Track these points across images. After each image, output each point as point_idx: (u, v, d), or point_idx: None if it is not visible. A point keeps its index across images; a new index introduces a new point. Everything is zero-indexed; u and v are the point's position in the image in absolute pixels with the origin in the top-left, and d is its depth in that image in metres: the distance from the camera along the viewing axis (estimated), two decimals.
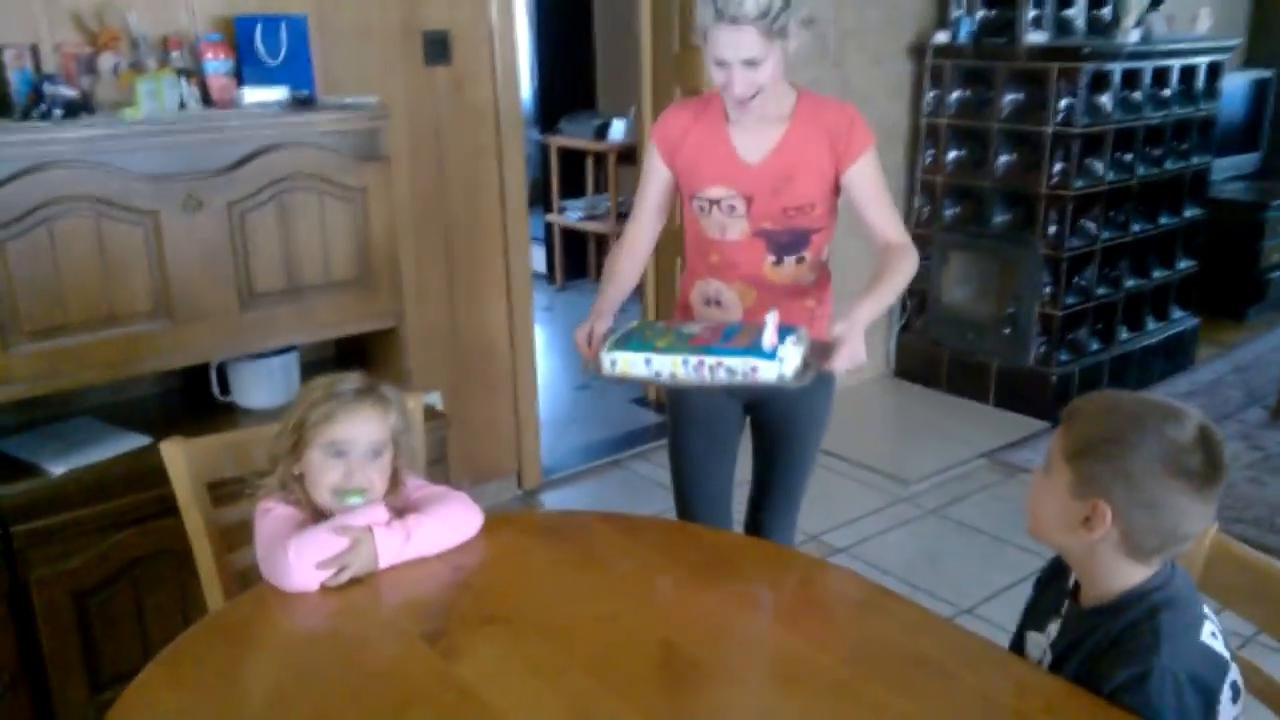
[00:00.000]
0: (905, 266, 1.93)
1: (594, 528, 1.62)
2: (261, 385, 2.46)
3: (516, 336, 3.35)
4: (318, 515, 1.56)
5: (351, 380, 1.58)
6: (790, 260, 1.99)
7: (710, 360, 1.64)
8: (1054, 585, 1.38)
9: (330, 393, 1.54)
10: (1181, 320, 4.57)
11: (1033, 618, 1.39)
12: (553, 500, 3.47)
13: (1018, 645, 1.39)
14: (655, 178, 2.06)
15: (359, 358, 2.67)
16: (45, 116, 2.06)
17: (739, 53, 1.78)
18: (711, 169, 1.97)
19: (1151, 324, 4.43)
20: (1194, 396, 4.29)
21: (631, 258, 2.10)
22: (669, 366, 1.67)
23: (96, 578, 2.10)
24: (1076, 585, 1.33)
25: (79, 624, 2.09)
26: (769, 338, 1.65)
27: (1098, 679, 1.21)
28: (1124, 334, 4.29)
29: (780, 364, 1.62)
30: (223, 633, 1.37)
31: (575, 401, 4.46)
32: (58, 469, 2.12)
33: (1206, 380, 4.49)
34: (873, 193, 1.96)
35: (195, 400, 2.48)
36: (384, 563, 1.47)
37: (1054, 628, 1.33)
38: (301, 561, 1.44)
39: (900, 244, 1.95)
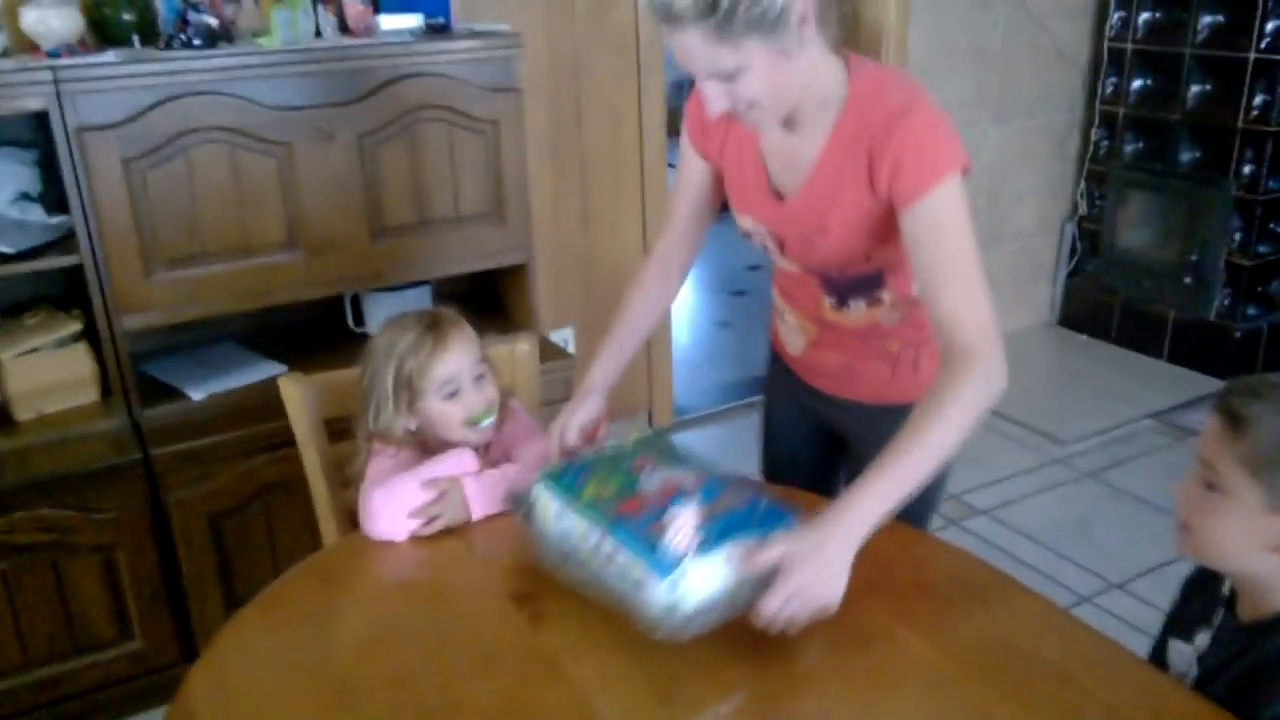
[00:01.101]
0: (957, 410, 1.19)
1: None
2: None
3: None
4: (432, 453, 1.56)
5: (413, 317, 1.54)
6: (859, 303, 1.45)
7: (608, 546, 1.19)
8: (1204, 591, 1.22)
9: (408, 343, 1.50)
10: None
11: (1179, 625, 1.24)
12: (682, 441, 3.42)
13: (1159, 653, 1.25)
14: (690, 170, 1.53)
15: (490, 294, 2.66)
16: (187, 45, 2.08)
17: (692, 62, 1.22)
18: (740, 192, 1.46)
19: None
20: None
21: (650, 286, 1.59)
22: (573, 535, 1.25)
23: (232, 501, 2.17)
24: (1233, 593, 1.17)
25: (214, 545, 2.17)
26: (674, 536, 1.15)
27: (1254, 703, 1.06)
28: None
29: (674, 585, 1.11)
30: (318, 577, 1.37)
31: (715, 339, 4.37)
32: (198, 394, 2.20)
33: None
34: (937, 253, 1.25)
35: (332, 330, 2.52)
36: (477, 514, 1.45)
37: (1203, 639, 1.18)
38: (389, 510, 1.43)
39: (970, 348, 1.21)
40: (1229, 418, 1.09)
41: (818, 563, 1.12)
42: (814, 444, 1.69)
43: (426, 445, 1.56)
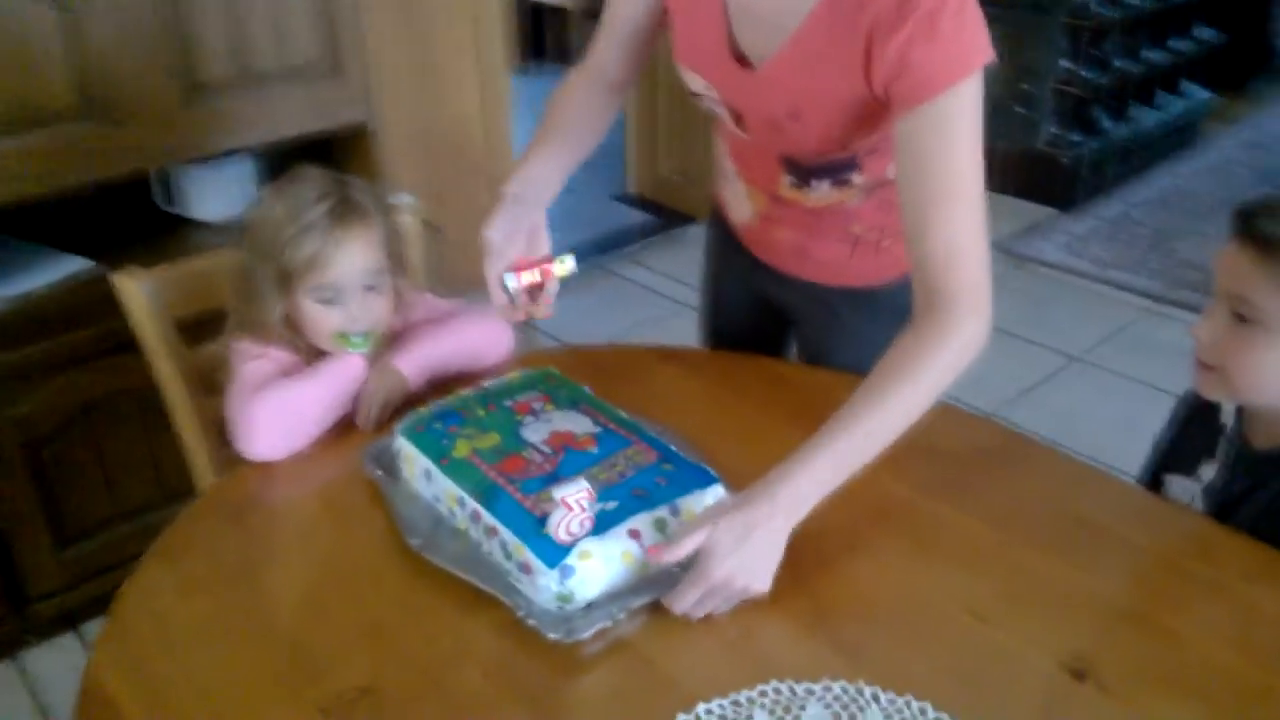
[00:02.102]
0: (931, 377, 1.00)
1: (654, 368, 1.37)
2: (213, 193, 2.11)
3: (492, 131, 2.99)
4: (316, 357, 1.31)
5: (314, 189, 1.24)
6: (823, 185, 1.22)
7: (488, 518, 1.02)
8: (1201, 423, 1.18)
9: (299, 221, 1.22)
10: (1194, 95, 4.30)
11: (1175, 460, 1.19)
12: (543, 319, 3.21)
13: (1152, 489, 1.20)
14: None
15: (325, 162, 2.32)
16: None
17: None
18: (692, 48, 1.20)
19: (1164, 100, 4.16)
20: (1203, 177, 4.08)
21: (579, 93, 1.30)
22: (446, 499, 1.08)
23: (49, 425, 1.83)
24: (1239, 423, 1.12)
25: (34, 476, 1.83)
26: (561, 525, 0.96)
27: None
28: (1137, 111, 4.02)
29: (565, 573, 0.95)
30: (224, 515, 1.13)
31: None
32: None
33: (1215, 161, 4.27)
34: (935, 171, 1.01)
35: (138, 213, 2.13)
36: (415, 378, 1.30)
37: (1209, 471, 1.14)
38: (272, 425, 1.20)
39: (958, 300, 1.01)
40: (1259, 243, 1.01)
41: (742, 555, 0.93)
42: (760, 318, 1.51)
43: (296, 345, 1.30)
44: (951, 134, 1.00)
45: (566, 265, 1.22)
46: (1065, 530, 1.05)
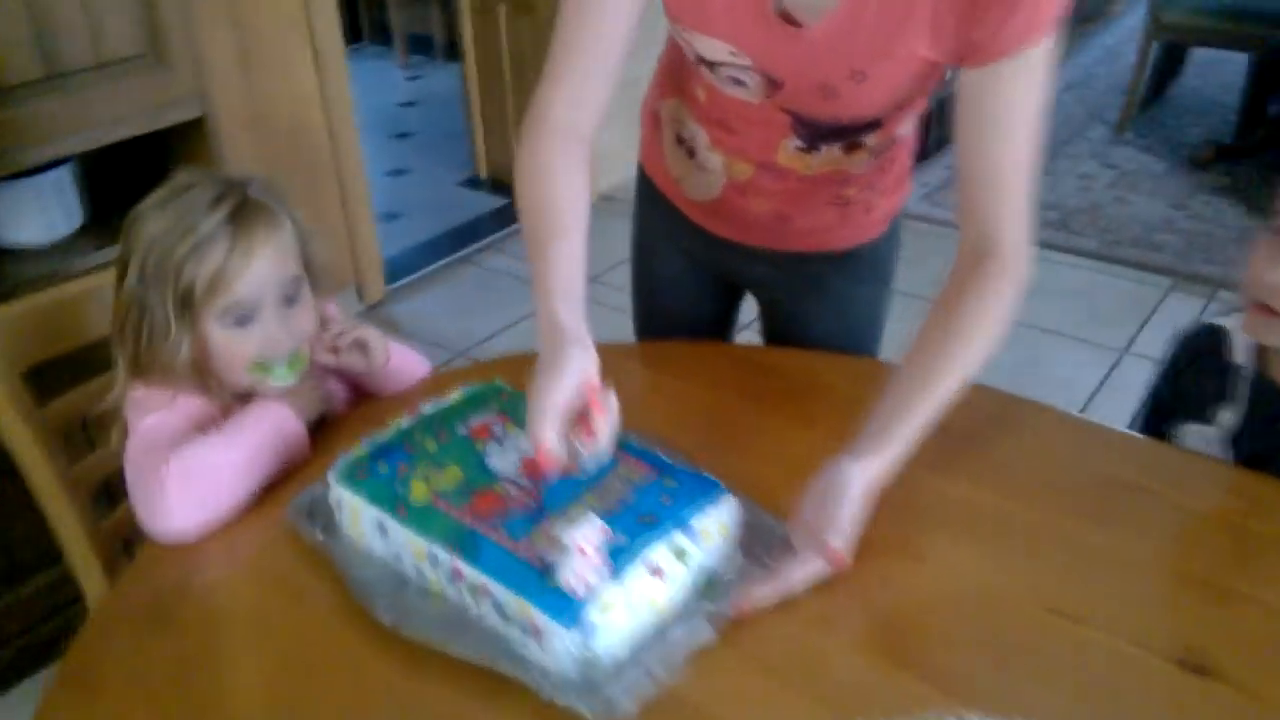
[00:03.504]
0: (984, 336, 0.93)
1: (613, 367, 1.20)
2: (28, 214, 1.81)
3: (333, 114, 2.73)
4: (233, 402, 1.09)
5: (205, 194, 1.03)
6: (833, 149, 1.09)
7: (473, 574, 0.84)
8: (1206, 366, 1.11)
9: (195, 233, 1.01)
10: None
11: (1184, 408, 1.12)
12: (406, 315, 2.98)
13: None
14: None
15: (158, 166, 2.04)
16: None
17: None
18: (713, 9, 0.98)
19: None
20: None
21: (567, 171, 1.01)
22: (411, 555, 0.90)
23: None
24: (1259, 361, 1.06)
25: None
26: (574, 574, 0.80)
27: None
28: None
29: (585, 638, 0.79)
30: (148, 615, 0.90)
31: (389, 191, 3.87)
32: None
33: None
34: (1004, 133, 0.92)
35: None
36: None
37: (1227, 417, 1.07)
38: (191, 495, 0.98)
39: (1010, 264, 0.94)
40: None
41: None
42: (706, 298, 1.37)
43: (207, 386, 1.08)
44: (1027, 89, 0.91)
45: (609, 395, 0.92)
46: (1110, 497, 0.97)
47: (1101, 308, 2.79)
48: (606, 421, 0.87)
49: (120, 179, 1.96)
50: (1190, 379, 1.13)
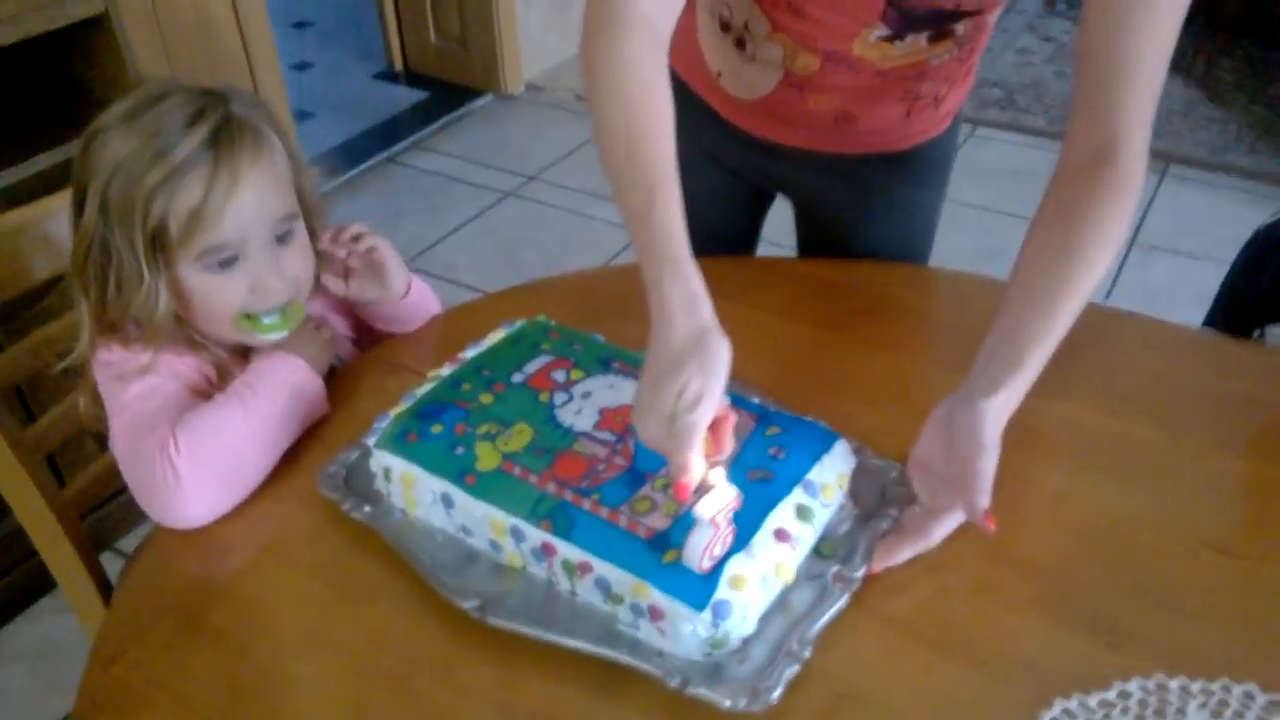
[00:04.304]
0: (1106, 255, 0.81)
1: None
2: None
3: (241, 3, 2.44)
4: (231, 356, 0.94)
5: (181, 110, 0.85)
6: (919, 38, 0.96)
7: (569, 551, 0.73)
8: None
9: (168, 160, 0.83)
10: None
11: (1273, 308, 1.06)
12: (334, 223, 2.74)
13: None
14: None
15: (58, 74, 1.78)
16: None
17: None
18: None
19: None
20: None
21: (659, 84, 0.81)
22: (486, 530, 0.77)
23: None
24: None
25: None
26: (699, 546, 0.69)
27: None
28: None
29: (717, 618, 0.69)
30: (183, 622, 0.76)
31: (294, 88, 3.56)
32: None
33: None
34: (1146, 22, 0.79)
35: None
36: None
37: None
38: (204, 477, 0.82)
39: (1132, 169, 0.82)
40: None
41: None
42: (736, 207, 1.24)
43: (193, 341, 0.92)
44: None
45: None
46: (1235, 413, 0.90)
47: None
48: (731, 429, 0.73)
49: (11, 95, 1.71)
50: (1273, 276, 1.06)
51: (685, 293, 0.73)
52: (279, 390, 0.88)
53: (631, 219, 0.76)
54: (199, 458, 0.82)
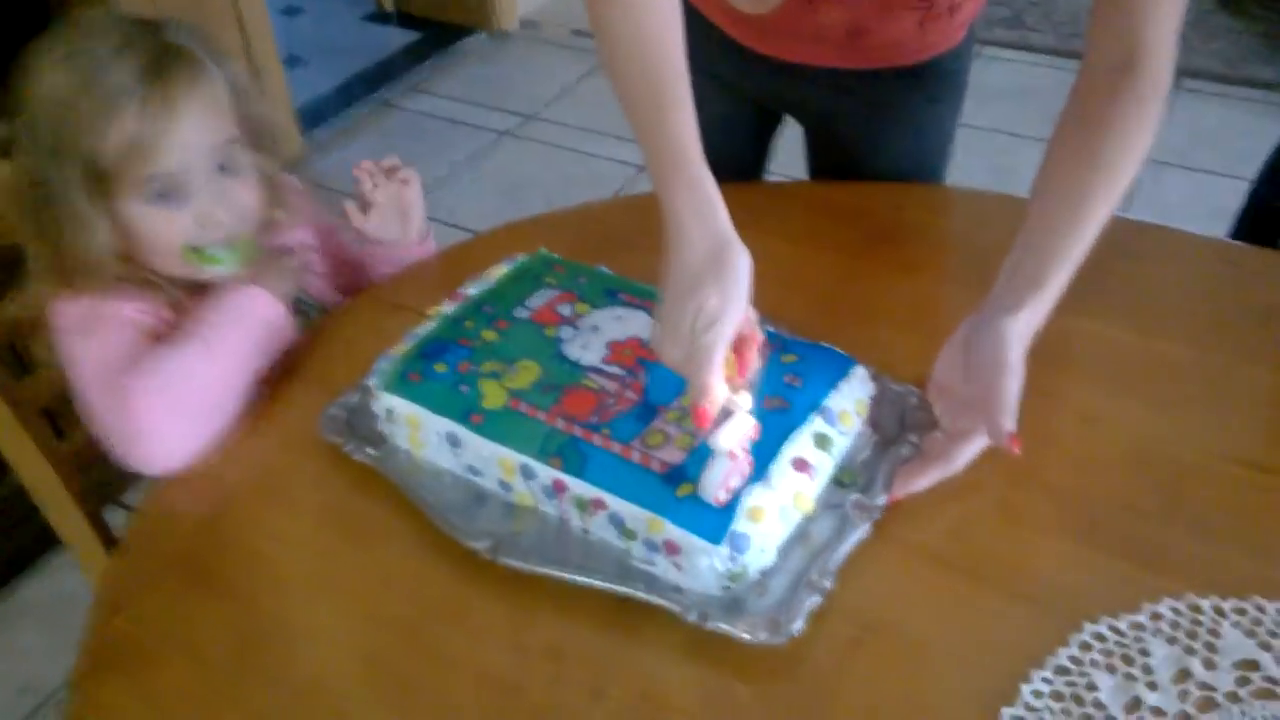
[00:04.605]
0: (1132, 165, 0.77)
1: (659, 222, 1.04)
2: None
3: None
4: (185, 295, 0.90)
5: (112, 39, 0.83)
6: None
7: (580, 488, 0.71)
8: None
9: (101, 89, 0.81)
10: None
11: None
12: (334, 171, 2.68)
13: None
14: None
15: (39, 18, 1.73)
16: None
17: None
18: None
19: None
20: None
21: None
22: (495, 469, 0.75)
23: None
24: None
25: None
26: (716, 479, 0.67)
27: None
28: None
29: (735, 551, 0.66)
30: (182, 572, 0.74)
31: (284, 32, 3.48)
32: None
33: None
34: None
35: None
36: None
37: None
38: (168, 420, 0.81)
39: (1161, 81, 0.77)
40: None
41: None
42: (743, 131, 1.19)
43: (141, 278, 0.89)
44: None
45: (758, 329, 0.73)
46: (1271, 327, 0.86)
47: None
48: (756, 352, 0.70)
49: None
50: None
51: (701, 201, 0.70)
52: (241, 324, 0.86)
53: (641, 130, 0.73)
54: (166, 406, 0.80)
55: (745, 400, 0.67)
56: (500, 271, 0.90)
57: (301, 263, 0.99)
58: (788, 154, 1.25)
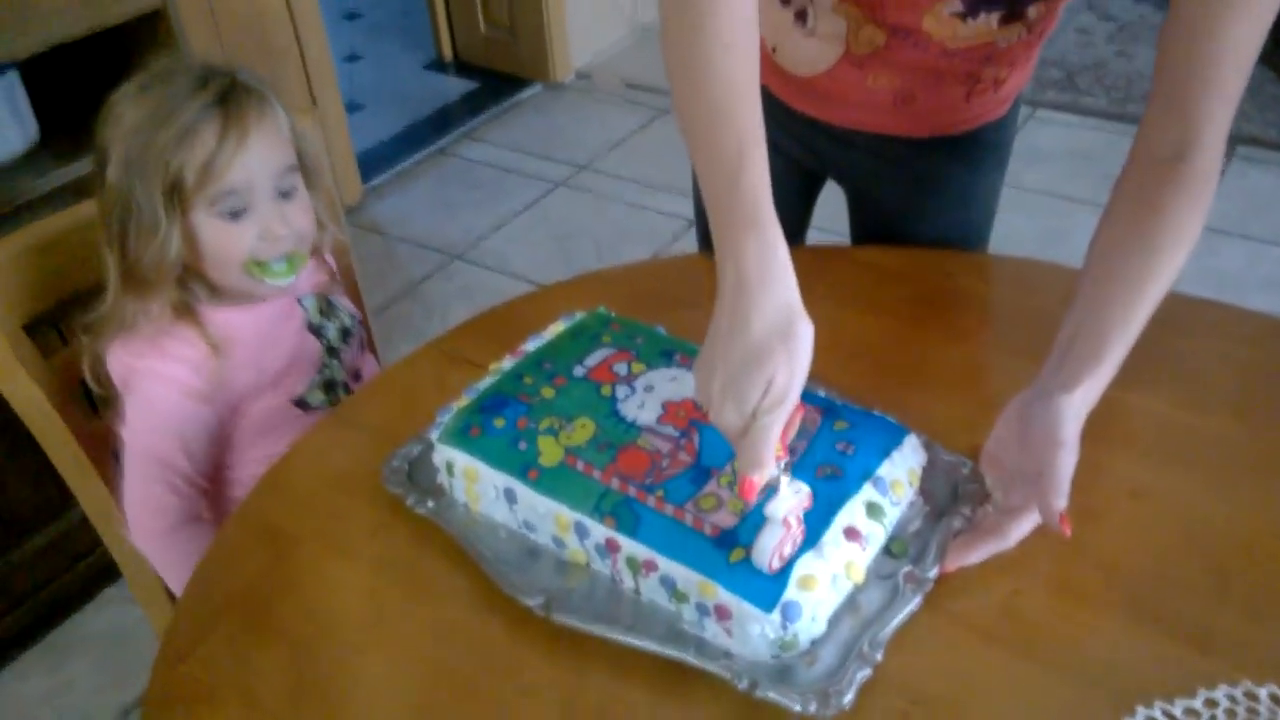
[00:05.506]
0: (1185, 251, 0.79)
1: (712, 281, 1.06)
2: None
3: (294, 0, 2.46)
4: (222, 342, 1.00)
5: (189, 79, 0.94)
6: (991, 17, 0.91)
7: (634, 548, 0.72)
8: None
9: (181, 117, 0.91)
10: None
11: None
12: (389, 216, 2.76)
13: None
14: None
15: (112, 70, 1.79)
16: None
17: None
18: None
19: None
20: None
21: (743, 30, 0.74)
22: (550, 526, 0.76)
23: None
24: None
25: None
26: (769, 546, 0.67)
27: None
28: None
29: (787, 620, 0.67)
30: (242, 626, 0.76)
31: (346, 79, 3.58)
32: None
33: None
34: (1241, 16, 0.75)
35: None
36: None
37: None
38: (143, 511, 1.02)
39: (1211, 170, 0.79)
40: None
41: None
42: (788, 192, 1.17)
43: (191, 291, 1.00)
44: None
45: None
46: (1235, 384, 0.87)
47: (1117, 170, 2.68)
48: (797, 424, 0.70)
49: (72, 88, 1.73)
50: None
51: (774, 265, 0.68)
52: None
53: (715, 180, 0.71)
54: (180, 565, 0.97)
55: (785, 477, 0.68)
56: (559, 328, 0.92)
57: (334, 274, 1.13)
58: (824, 212, 1.27)
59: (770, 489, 0.68)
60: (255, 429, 1.04)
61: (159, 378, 0.97)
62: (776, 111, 1.10)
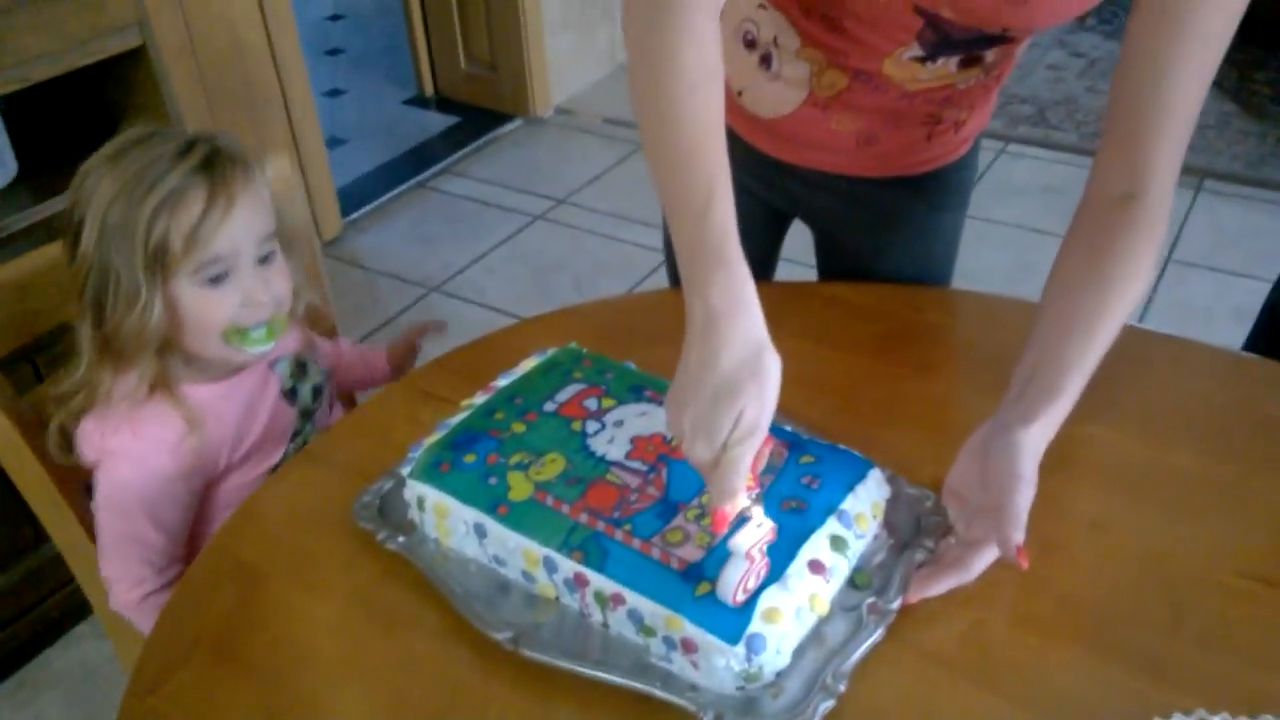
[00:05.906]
0: (1138, 288, 0.82)
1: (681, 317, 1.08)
2: None
3: (274, 31, 2.48)
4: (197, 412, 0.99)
5: (170, 144, 0.92)
6: (950, 61, 0.94)
7: (601, 583, 0.73)
8: None
9: (164, 184, 0.90)
10: None
11: None
12: (369, 250, 2.77)
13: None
14: None
15: (94, 107, 1.81)
16: None
17: None
18: None
19: None
20: None
21: (711, 46, 0.76)
22: (519, 560, 0.77)
23: None
24: None
25: None
26: (734, 580, 0.68)
27: None
28: None
29: (751, 653, 0.68)
30: (210, 661, 0.76)
31: (327, 114, 3.60)
32: None
33: None
34: (1191, 57, 0.78)
35: None
36: None
37: None
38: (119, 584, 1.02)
39: (1159, 213, 0.82)
40: None
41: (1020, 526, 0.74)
42: (754, 231, 1.18)
43: (167, 364, 0.98)
44: (1221, 22, 0.77)
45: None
46: (1274, 439, 0.88)
47: None
48: (765, 456, 0.72)
49: (51, 124, 1.74)
50: None
51: (741, 300, 0.70)
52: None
53: (683, 218, 0.72)
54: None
55: (757, 509, 0.69)
56: (530, 364, 0.93)
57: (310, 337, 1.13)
58: (794, 243, 1.29)
59: (741, 519, 0.69)
60: (230, 500, 1.03)
61: (131, 460, 0.96)
62: (742, 153, 1.12)
